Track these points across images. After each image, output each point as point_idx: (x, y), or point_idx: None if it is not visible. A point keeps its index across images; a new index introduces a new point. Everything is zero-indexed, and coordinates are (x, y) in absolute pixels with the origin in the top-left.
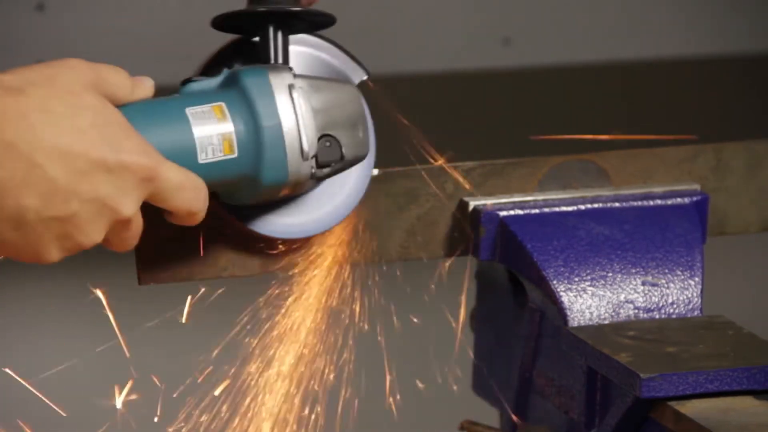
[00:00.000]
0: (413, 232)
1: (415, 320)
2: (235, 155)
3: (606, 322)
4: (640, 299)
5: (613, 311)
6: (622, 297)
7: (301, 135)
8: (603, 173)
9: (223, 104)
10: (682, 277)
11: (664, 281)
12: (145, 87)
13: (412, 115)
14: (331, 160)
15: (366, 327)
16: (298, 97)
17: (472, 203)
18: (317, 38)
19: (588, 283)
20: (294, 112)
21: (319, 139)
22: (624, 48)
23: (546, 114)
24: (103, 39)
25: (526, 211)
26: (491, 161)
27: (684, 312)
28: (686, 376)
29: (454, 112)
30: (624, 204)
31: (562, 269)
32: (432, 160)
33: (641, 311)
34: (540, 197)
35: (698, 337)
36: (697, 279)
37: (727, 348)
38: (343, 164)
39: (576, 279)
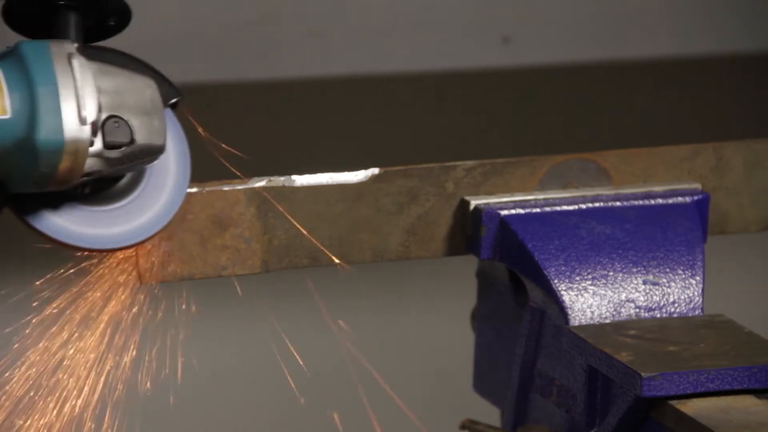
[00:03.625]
0: (413, 232)
1: (416, 319)
2: (8, 116)
3: (607, 321)
4: (641, 298)
5: (614, 310)
6: (623, 296)
7: (79, 99)
8: (603, 172)
9: None
10: (683, 276)
11: (665, 280)
12: None
13: (411, 114)
14: (120, 141)
15: (367, 326)
16: (79, 66)
17: (473, 202)
18: (131, 59)
19: (589, 282)
20: (72, 76)
21: (108, 119)
22: (624, 48)
23: (546, 113)
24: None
25: (527, 211)
26: (491, 160)
27: (685, 311)
28: (687, 375)
29: (453, 112)
30: (625, 203)
31: (563, 268)
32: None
33: (642, 310)
34: (541, 196)
35: (699, 336)
36: (698, 278)
37: (728, 347)
38: (135, 149)
39: (577, 278)
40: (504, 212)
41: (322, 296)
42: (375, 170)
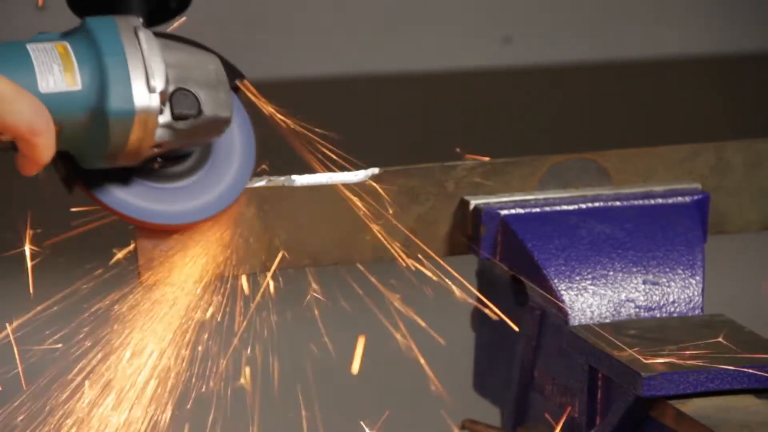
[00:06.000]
0: (414, 231)
1: (415, 319)
2: (79, 87)
3: (607, 320)
4: (641, 298)
5: (614, 310)
6: (623, 296)
7: (147, 68)
8: (604, 172)
9: (66, 43)
10: (683, 275)
11: (665, 280)
12: None
13: (411, 114)
14: (188, 113)
15: (368, 326)
16: (145, 37)
17: (473, 202)
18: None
19: (589, 281)
20: (139, 47)
21: (176, 91)
22: (624, 48)
23: (546, 113)
24: None
25: (527, 210)
26: (492, 160)
27: (685, 311)
28: (687, 375)
29: (454, 112)
30: (625, 203)
31: (563, 268)
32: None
33: (642, 310)
34: (541, 196)
35: (699, 336)
36: (698, 278)
37: (728, 347)
38: (202, 120)
39: (577, 278)
40: (504, 212)
41: (321, 296)
42: (375, 170)
